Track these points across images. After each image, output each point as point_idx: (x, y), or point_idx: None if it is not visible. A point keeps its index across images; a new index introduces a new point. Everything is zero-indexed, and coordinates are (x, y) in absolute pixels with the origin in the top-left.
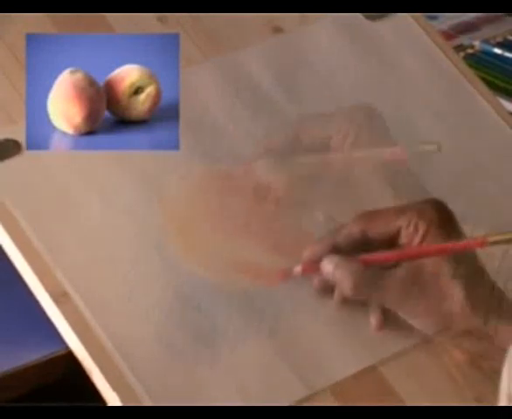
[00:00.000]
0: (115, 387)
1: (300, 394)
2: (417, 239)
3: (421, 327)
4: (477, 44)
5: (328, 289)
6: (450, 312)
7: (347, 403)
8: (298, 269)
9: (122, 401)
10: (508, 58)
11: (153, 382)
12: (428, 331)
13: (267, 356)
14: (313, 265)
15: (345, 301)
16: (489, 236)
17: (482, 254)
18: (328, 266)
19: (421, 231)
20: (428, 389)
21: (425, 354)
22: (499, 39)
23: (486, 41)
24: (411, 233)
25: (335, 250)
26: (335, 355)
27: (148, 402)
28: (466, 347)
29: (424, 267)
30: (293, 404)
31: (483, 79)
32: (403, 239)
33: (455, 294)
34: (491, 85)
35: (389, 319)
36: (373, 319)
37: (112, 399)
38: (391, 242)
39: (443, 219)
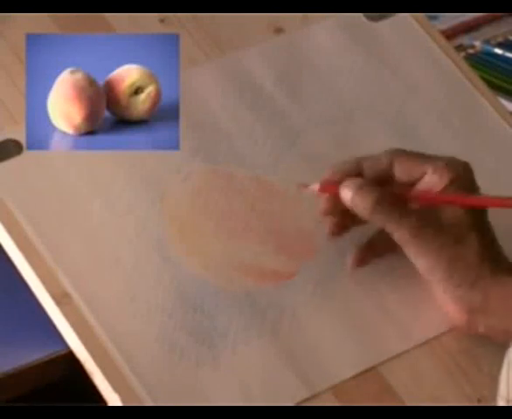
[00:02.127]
0: (116, 387)
1: (302, 394)
2: (439, 186)
3: (427, 269)
4: (478, 44)
5: (332, 212)
6: (461, 254)
7: (348, 404)
8: (315, 186)
9: (123, 401)
10: (508, 58)
11: (154, 383)
12: (433, 275)
13: (269, 357)
14: (332, 185)
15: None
16: None
17: None
18: (350, 189)
19: (444, 180)
20: (428, 389)
21: (425, 354)
22: (499, 39)
23: (486, 41)
24: (436, 178)
25: (359, 173)
26: (337, 356)
27: (149, 403)
28: (466, 299)
29: (443, 213)
30: (294, 405)
31: (484, 79)
32: (424, 183)
33: (470, 242)
34: (492, 85)
35: (389, 321)
36: (350, 257)
37: (113, 399)
38: (413, 184)
39: (468, 180)
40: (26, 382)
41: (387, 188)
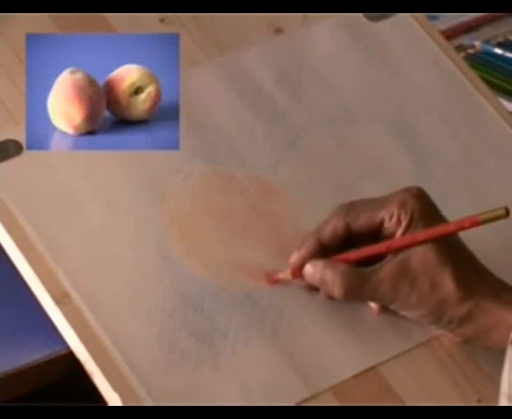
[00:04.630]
0: (116, 387)
1: (302, 394)
2: (400, 231)
3: (415, 318)
4: (478, 44)
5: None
6: (442, 299)
7: (348, 404)
8: (287, 275)
9: (123, 401)
10: (508, 58)
11: (154, 383)
12: (422, 321)
13: (269, 357)
14: (301, 270)
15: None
16: (479, 215)
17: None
18: (314, 273)
19: (404, 223)
20: (428, 389)
21: (425, 354)
22: (499, 39)
23: (486, 41)
24: (394, 225)
25: (321, 247)
26: (337, 356)
27: (149, 403)
28: (459, 332)
29: (411, 259)
30: (294, 405)
31: (484, 79)
32: (386, 231)
33: (445, 280)
34: (492, 85)
35: (389, 321)
36: (372, 304)
37: (113, 399)
38: (375, 234)
39: (425, 209)
40: (26, 382)
41: (348, 256)
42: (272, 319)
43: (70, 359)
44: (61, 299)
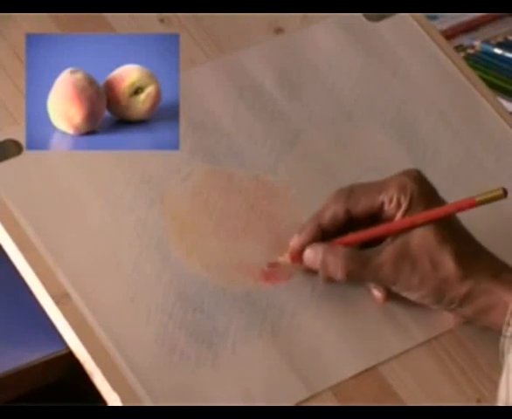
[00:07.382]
0: (116, 387)
1: (302, 394)
2: (399, 214)
3: (416, 299)
4: (477, 44)
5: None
6: (443, 279)
7: (348, 404)
8: (286, 259)
9: (123, 401)
10: (508, 58)
11: (154, 383)
12: (423, 302)
13: (269, 357)
14: (301, 255)
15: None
16: (477, 196)
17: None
18: (315, 257)
19: (404, 206)
20: (428, 389)
21: (425, 354)
22: (499, 39)
23: (486, 41)
24: (394, 208)
25: (321, 232)
26: (337, 356)
27: (149, 403)
28: (459, 312)
29: (411, 240)
30: (294, 405)
31: (483, 79)
32: (385, 214)
33: (446, 261)
34: (491, 85)
35: (389, 320)
36: (377, 292)
37: (112, 399)
38: (374, 218)
39: (424, 191)
40: (26, 382)
41: (350, 239)
42: (272, 318)
43: (70, 359)
44: (61, 299)
